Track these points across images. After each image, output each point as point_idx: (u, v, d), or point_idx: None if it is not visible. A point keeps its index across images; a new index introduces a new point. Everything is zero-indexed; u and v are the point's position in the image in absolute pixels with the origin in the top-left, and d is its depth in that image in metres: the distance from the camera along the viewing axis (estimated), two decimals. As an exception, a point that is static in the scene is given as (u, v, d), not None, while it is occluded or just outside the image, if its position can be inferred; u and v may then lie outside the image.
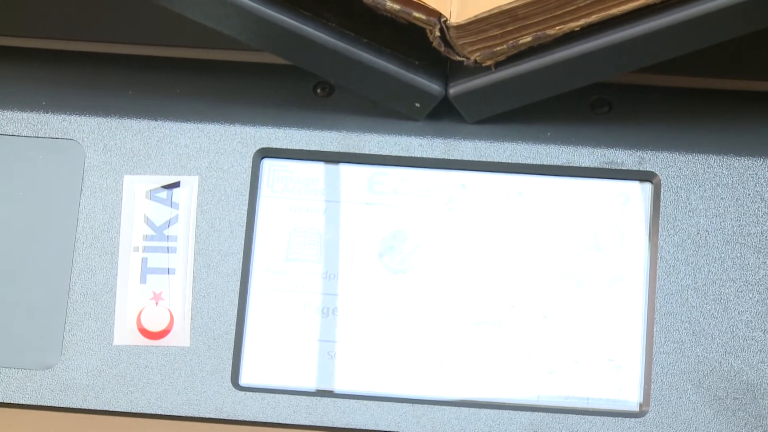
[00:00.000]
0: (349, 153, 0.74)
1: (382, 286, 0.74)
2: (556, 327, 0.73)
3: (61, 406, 0.71)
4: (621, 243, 0.74)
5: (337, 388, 0.72)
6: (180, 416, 0.71)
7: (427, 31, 0.71)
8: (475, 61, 0.71)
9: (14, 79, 0.76)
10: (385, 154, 0.74)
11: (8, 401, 0.71)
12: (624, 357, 0.72)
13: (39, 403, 0.71)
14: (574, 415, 0.72)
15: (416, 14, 0.70)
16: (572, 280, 0.73)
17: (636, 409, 0.70)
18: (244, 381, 0.71)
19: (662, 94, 0.75)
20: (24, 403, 0.71)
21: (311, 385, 0.72)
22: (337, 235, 0.75)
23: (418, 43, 0.72)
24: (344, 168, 0.75)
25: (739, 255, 0.72)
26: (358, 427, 0.72)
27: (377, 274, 0.74)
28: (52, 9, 0.79)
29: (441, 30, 0.71)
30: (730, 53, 0.74)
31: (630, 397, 0.71)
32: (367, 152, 0.74)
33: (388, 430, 0.72)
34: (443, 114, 0.73)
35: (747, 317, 0.70)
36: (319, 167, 0.74)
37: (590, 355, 0.73)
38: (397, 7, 0.70)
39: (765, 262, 0.71)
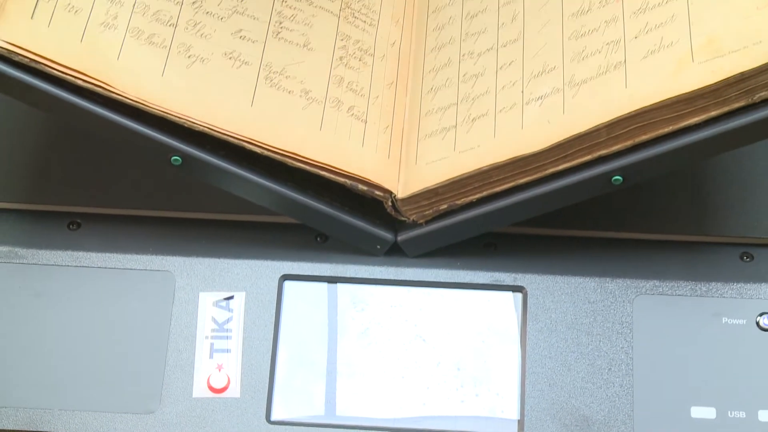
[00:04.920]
0: (339, 276, 0.82)
1: (360, 355, 0.81)
2: (465, 375, 0.80)
3: (159, 437, 0.80)
4: (503, 328, 0.81)
5: (338, 414, 0.80)
6: (233, 441, 0.80)
7: (384, 202, 0.80)
8: (413, 220, 0.81)
9: (132, 234, 0.84)
10: (360, 276, 0.82)
11: (126, 435, 0.80)
12: (508, 396, 0.80)
13: (146, 436, 0.80)
14: (477, 433, 0.80)
15: (377, 192, 0.79)
16: (474, 349, 0.81)
17: (516, 430, 0.79)
18: (274, 417, 0.80)
19: (529, 239, 0.84)
20: (136, 436, 0.80)
21: (321, 414, 0.80)
22: (335, 325, 0.82)
23: (377, 208, 0.81)
24: (339, 286, 0.82)
25: (575, 337, 0.80)
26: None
27: (358, 347, 0.81)
28: (156, 190, 0.85)
29: (392, 202, 0.80)
30: (573, 212, 0.81)
31: (511, 421, 0.80)
32: (350, 276, 0.82)
33: None
34: (394, 251, 0.82)
35: (582, 375, 0.79)
36: (322, 285, 0.82)
37: (486, 393, 0.80)
38: (364, 188, 0.79)
39: (591, 341, 0.80)
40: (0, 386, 0.79)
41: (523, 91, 0.79)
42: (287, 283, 0.82)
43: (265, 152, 0.77)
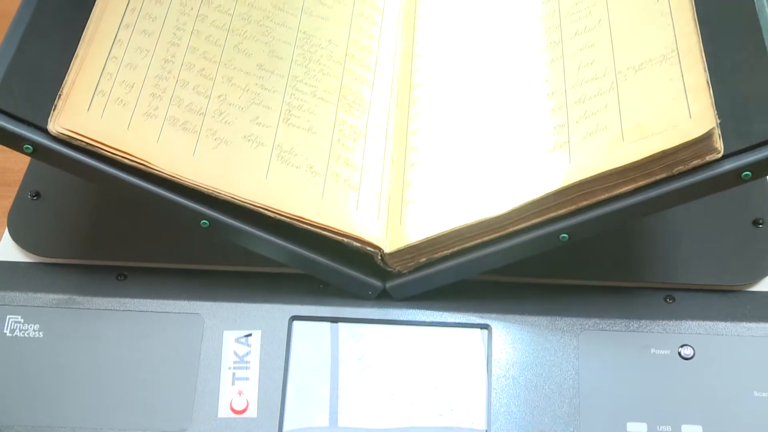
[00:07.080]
0: (339, 317, 0.83)
1: (357, 377, 0.82)
2: (442, 394, 0.82)
3: (191, 452, 0.81)
4: (473, 359, 0.83)
5: (340, 426, 0.81)
6: (250, 454, 0.81)
7: (374, 256, 0.82)
8: (398, 270, 0.83)
9: (169, 284, 0.85)
10: (357, 317, 0.84)
11: (163, 451, 0.81)
12: (477, 411, 0.81)
13: (179, 451, 0.81)
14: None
15: (368, 248, 0.81)
16: (449, 373, 0.82)
17: (483, 437, 0.82)
18: (285, 430, 0.81)
19: (493, 285, 0.85)
20: (170, 452, 0.81)
21: (325, 426, 0.81)
22: (337, 355, 0.83)
23: (369, 261, 0.83)
24: (339, 325, 0.84)
25: (531, 365, 0.82)
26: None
27: (356, 372, 0.82)
28: (189, 248, 0.87)
29: (381, 256, 0.82)
30: (529, 263, 0.81)
31: (480, 431, 0.81)
32: (348, 317, 0.83)
33: None
34: (384, 296, 0.84)
35: (537, 396, 0.81)
36: (325, 324, 0.84)
37: (459, 408, 0.81)
38: (358, 245, 0.81)
39: (545, 369, 0.81)
40: (59, 409, 0.81)
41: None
42: (296, 323, 0.84)
43: (278, 216, 0.79)
